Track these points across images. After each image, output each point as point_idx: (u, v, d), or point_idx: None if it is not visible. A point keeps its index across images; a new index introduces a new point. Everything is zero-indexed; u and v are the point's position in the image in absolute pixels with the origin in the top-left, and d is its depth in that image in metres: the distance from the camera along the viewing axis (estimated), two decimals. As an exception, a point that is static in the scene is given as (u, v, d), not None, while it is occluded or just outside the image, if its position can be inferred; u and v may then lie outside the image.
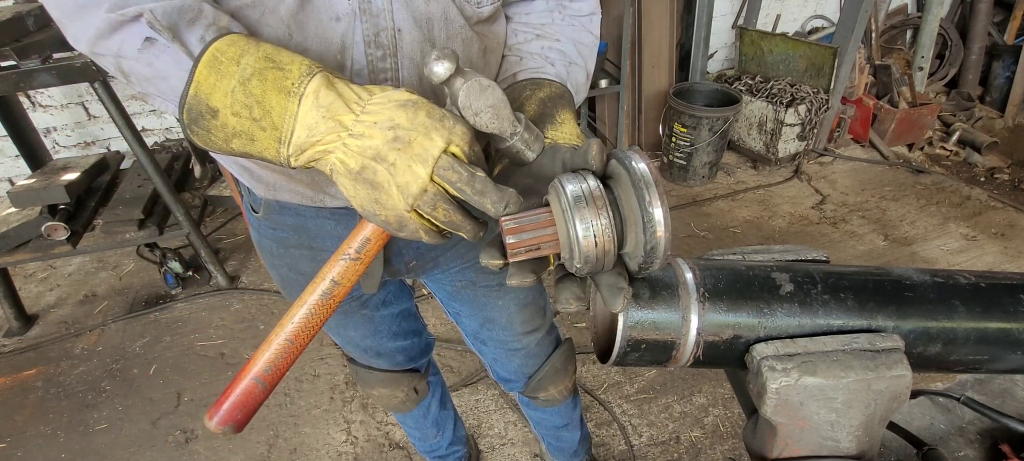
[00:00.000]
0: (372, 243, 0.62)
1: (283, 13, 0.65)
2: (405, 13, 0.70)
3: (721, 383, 2.12)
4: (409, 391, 1.30)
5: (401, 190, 0.55)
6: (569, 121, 0.72)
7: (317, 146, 0.56)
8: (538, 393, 1.32)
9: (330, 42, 0.68)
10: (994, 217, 3.05)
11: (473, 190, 0.56)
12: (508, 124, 0.61)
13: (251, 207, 0.93)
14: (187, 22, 0.57)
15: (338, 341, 1.20)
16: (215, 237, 3.10)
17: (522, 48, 0.84)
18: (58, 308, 2.67)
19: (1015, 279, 0.62)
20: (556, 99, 0.75)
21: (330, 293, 0.62)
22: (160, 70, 0.58)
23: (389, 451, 1.95)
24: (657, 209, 0.50)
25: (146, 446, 2.00)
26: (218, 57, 0.55)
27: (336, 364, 2.28)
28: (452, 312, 1.22)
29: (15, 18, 2.01)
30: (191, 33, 0.57)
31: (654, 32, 3.34)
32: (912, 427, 0.86)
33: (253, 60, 0.55)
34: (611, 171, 0.57)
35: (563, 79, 0.80)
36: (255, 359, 0.60)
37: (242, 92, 0.55)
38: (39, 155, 2.69)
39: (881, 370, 0.53)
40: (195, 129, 0.56)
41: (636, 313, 0.56)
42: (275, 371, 0.60)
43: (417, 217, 0.57)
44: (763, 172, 3.54)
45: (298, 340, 0.60)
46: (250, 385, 0.59)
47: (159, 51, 0.57)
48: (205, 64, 0.55)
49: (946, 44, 4.32)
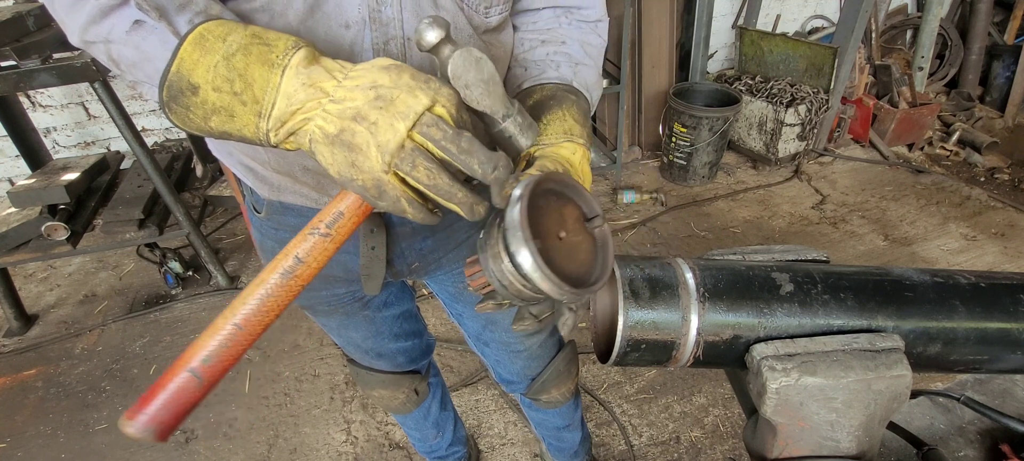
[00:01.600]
0: (346, 219, 0.56)
1: (291, 18, 0.65)
2: (415, 22, 0.69)
3: (721, 383, 2.12)
4: (410, 393, 1.30)
5: (380, 149, 0.51)
6: (556, 120, 0.71)
7: (297, 116, 0.53)
8: (541, 395, 1.31)
9: (339, 49, 0.68)
10: (994, 217, 3.05)
11: (458, 148, 0.53)
12: (500, 103, 0.58)
13: (253, 207, 0.93)
14: (177, 7, 0.56)
15: (339, 342, 1.20)
16: (215, 237, 3.10)
17: (527, 57, 0.83)
18: (58, 308, 2.67)
19: (1015, 279, 0.61)
20: (547, 101, 0.74)
21: (292, 272, 0.53)
22: (147, 52, 0.57)
23: (389, 451, 1.95)
24: (521, 256, 0.51)
25: (146, 446, 2.00)
26: (205, 35, 0.54)
27: (336, 364, 2.28)
28: (454, 313, 1.22)
29: (15, 18, 2.01)
30: (180, 16, 0.56)
31: (654, 32, 3.34)
32: (912, 427, 0.86)
33: (239, 37, 0.54)
34: None
35: (568, 80, 0.78)
36: (194, 347, 0.49)
37: (225, 66, 0.53)
38: (39, 155, 2.69)
39: (881, 370, 0.53)
40: (174, 107, 0.55)
41: (636, 313, 0.56)
42: (218, 363, 0.49)
43: (397, 181, 0.54)
44: (763, 172, 3.54)
45: (250, 326, 0.50)
46: (185, 379, 0.48)
47: (147, 32, 0.57)
48: (190, 41, 0.53)
49: (946, 44, 4.32)
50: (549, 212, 0.57)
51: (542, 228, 0.55)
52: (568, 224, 0.59)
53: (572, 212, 0.60)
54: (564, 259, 0.56)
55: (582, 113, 0.75)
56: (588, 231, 0.60)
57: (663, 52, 3.42)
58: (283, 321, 2.50)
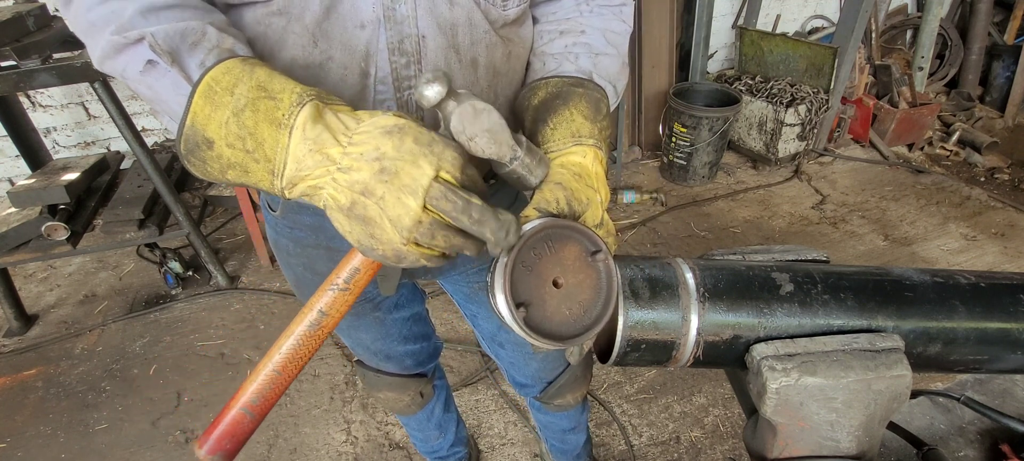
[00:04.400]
0: (362, 273, 0.60)
1: (308, 21, 0.65)
2: (429, 19, 0.69)
3: (721, 383, 2.12)
4: (416, 395, 1.30)
5: (394, 224, 0.52)
6: (563, 123, 0.69)
7: (308, 181, 0.54)
8: (554, 399, 1.30)
9: (354, 50, 0.68)
10: (994, 217, 3.05)
11: (470, 220, 0.53)
12: (507, 149, 0.59)
13: (268, 205, 0.93)
14: (189, 46, 0.57)
15: (348, 343, 1.20)
16: (215, 237, 3.10)
17: (545, 50, 0.81)
18: (58, 308, 2.67)
19: (1015, 279, 0.61)
20: (552, 100, 0.72)
21: (318, 324, 0.60)
22: (160, 94, 0.58)
23: (389, 451, 1.95)
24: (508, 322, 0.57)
25: (146, 446, 2.00)
26: (213, 87, 0.54)
27: (336, 364, 2.28)
28: (469, 314, 1.20)
29: (15, 18, 2.01)
30: (192, 57, 0.57)
31: (654, 32, 3.34)
32: (912, 427, 0.86)
33: (246, 89, 0.54)
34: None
35: (587, 72, 0.76)
36: (243, 389, 0.59)
37: (235, 124, 0.54)
38: (39, 155, 2.69)
39: (881, 370, 0.53)
40: (192, 159, 0.55)
41: (636, 313, 0.56)
42: (263, 402, 0.59)
43: (416, 248, 0.54)
44: (763, 172, 3.54)
45: (286, 371, 0.59)
46: (238, 415, 0.58)
47: (159, 74, 0.57)
48: (200, 94, 0.54)
49: (946, 44, 4.32)
50: (546, 258, 0.58)
51: (538, 276, 0.58)
52: (567, 264, 0.59)
53: (573, 250, 0.60)
54: (560, 305, 0.58)
55: (592, 108, 0.72)
56: (591, 265, 0.60)
57: (663, 52, 3.42)
58: (283, 321, 2.50)
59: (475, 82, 0.77)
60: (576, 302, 0.59)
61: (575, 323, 0.59)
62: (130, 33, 0.55)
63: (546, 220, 0.60)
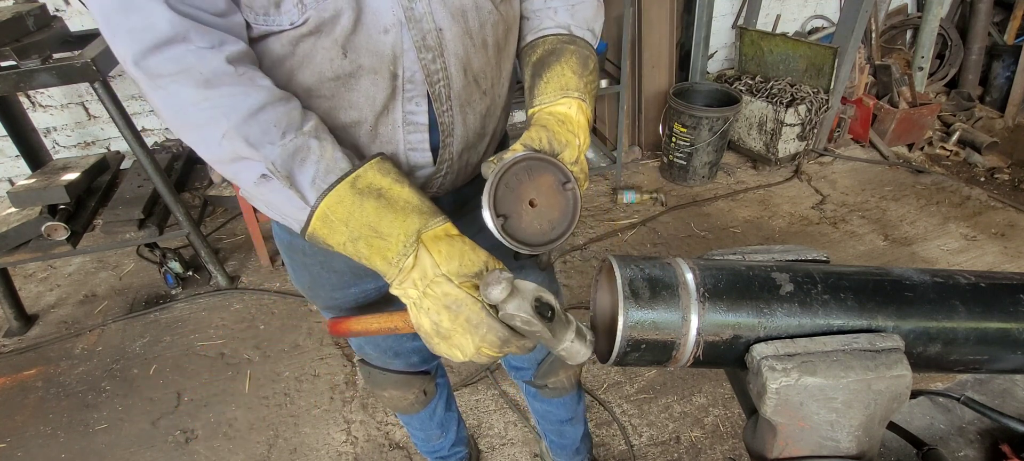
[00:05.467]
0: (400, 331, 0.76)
1: (338, 35, 0.69)
2: (443, 11, 0.73)
3: (721, 383, 2.12)
4: (419, 393, 1.31)
5: (462, 351, 0.68)
6: (554, 78, 0.80)
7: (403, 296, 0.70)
8: (548, 379, 1.32)
9: (382, 55, 0.73)
10: (994, 217, 3.05)
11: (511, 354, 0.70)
12: (545, 331, 0.67)
13: None
14: (300, 163, 0.67)
15: (357, 339, 1.21)
16: (215, 237, 3.10)
17: (528, 7, 0.89)
18: (58, 308, 2.67)
19: (1015, 279, 0.61)
20: (547, 57, 0.81)
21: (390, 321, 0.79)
22: (274, 203, 0.71)
23: (389, 451, 1.95)
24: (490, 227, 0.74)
25: (146, 446, 2.00)
26: (328, 216, 0.67)
27: (336, 364, 2.28)
28: None
29: (15, 18, 2.01)
30: (303, 174, 0.67)
31: (654, 32, 3.33)
32: (912, 427, 0.86)
33: (358, 226, 0.67)
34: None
35: (566, 26, 0.85)
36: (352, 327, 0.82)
37: (352, 248, 0.68)
38: (39, 155, 2.69)
39: (881, 370, 0.53)
40: (316, 241, 0.71)
41: (636, 313, 0.56)
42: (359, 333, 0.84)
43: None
44: (763, 172, 3.54)
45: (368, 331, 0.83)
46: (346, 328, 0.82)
47: (273, 188, 0.68)
48: (318, 218, 0.67)
49: (946, 44, 4.32)
50: (526, 183, 0.74)
51: (518, 196, 0.74)
52: (542, 189, 0.75)
53: (548, 179, 0.76)
54: (533, 220, 0.75)
55: (580, 64, 0.83)
56: (562, 193, 0.76)
57: (663, 52, 3.42)
58: (283, 321, 2.51)
59: (487, 62, 0.83)
60: (546, 220, 0.76)
61: (544, 235, 0.76)
62: (252, 154, 0.64)
63: (528, 153, 0.75)
